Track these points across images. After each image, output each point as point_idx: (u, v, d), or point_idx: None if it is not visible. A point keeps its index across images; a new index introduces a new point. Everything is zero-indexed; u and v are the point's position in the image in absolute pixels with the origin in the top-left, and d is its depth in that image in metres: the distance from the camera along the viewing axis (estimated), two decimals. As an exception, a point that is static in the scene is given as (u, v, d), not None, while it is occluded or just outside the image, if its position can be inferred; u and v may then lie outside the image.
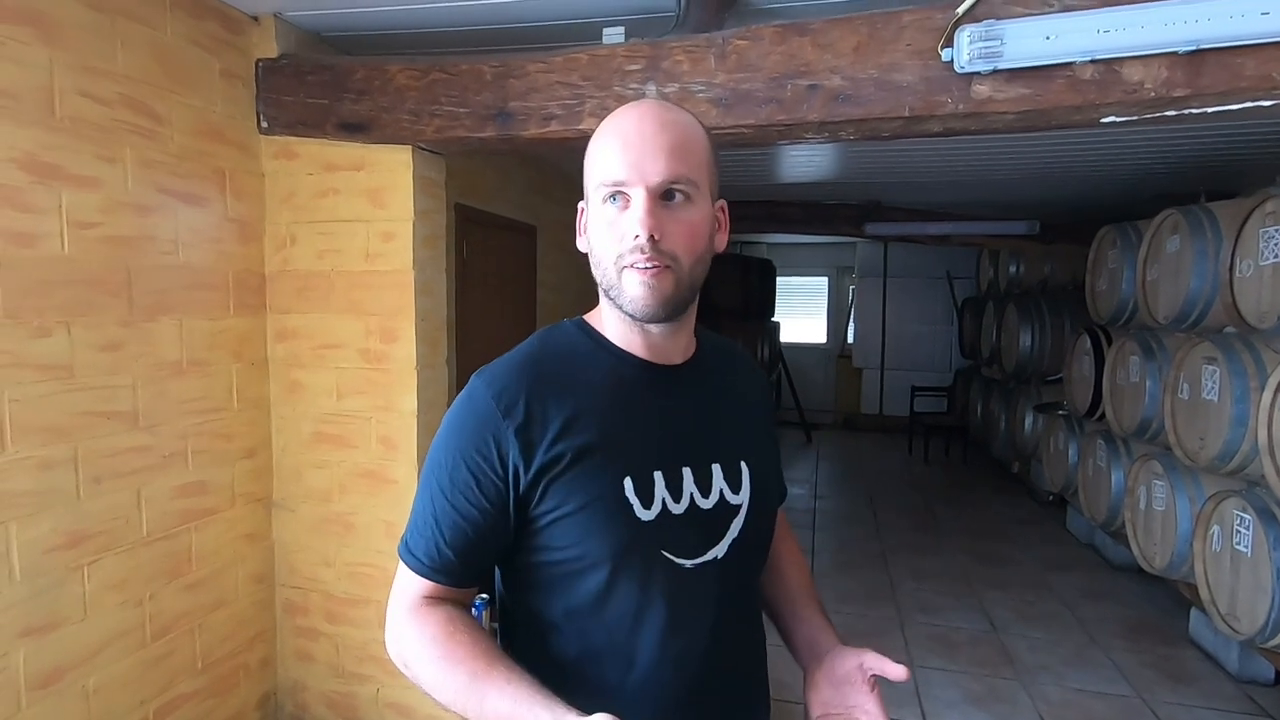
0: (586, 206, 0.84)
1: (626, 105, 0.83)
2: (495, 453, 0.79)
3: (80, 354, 1.76)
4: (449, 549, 0.81)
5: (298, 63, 2.22)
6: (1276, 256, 2.67)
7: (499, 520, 0.81)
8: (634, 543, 0.80)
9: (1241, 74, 1.53)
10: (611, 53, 1.95)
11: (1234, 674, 2.96)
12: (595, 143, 0.82)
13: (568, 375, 0.83)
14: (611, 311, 0.85)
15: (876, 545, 4.53)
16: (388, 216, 2.27)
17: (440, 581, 0.83)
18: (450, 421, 0.84)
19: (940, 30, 1.68)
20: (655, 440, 0.84)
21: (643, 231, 0.76)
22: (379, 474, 2.34)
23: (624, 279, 0.79)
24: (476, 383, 0.84)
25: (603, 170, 0.79)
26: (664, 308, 0.79)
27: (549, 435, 0.79)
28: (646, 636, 0.81)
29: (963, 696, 2.80)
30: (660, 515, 0.81)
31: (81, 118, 1.74)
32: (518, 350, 0.87)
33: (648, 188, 0.77)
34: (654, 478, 0.81)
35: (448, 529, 0.81)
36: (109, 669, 1.86)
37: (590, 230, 0.83)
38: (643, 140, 0.78)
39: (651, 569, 0.81)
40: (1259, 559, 2.68)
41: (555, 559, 0.81)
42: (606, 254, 0.80)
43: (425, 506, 0.83)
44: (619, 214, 0.79)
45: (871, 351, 8.51)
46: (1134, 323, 3.86)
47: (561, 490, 0.78)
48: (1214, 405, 2.98)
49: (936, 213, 5.48)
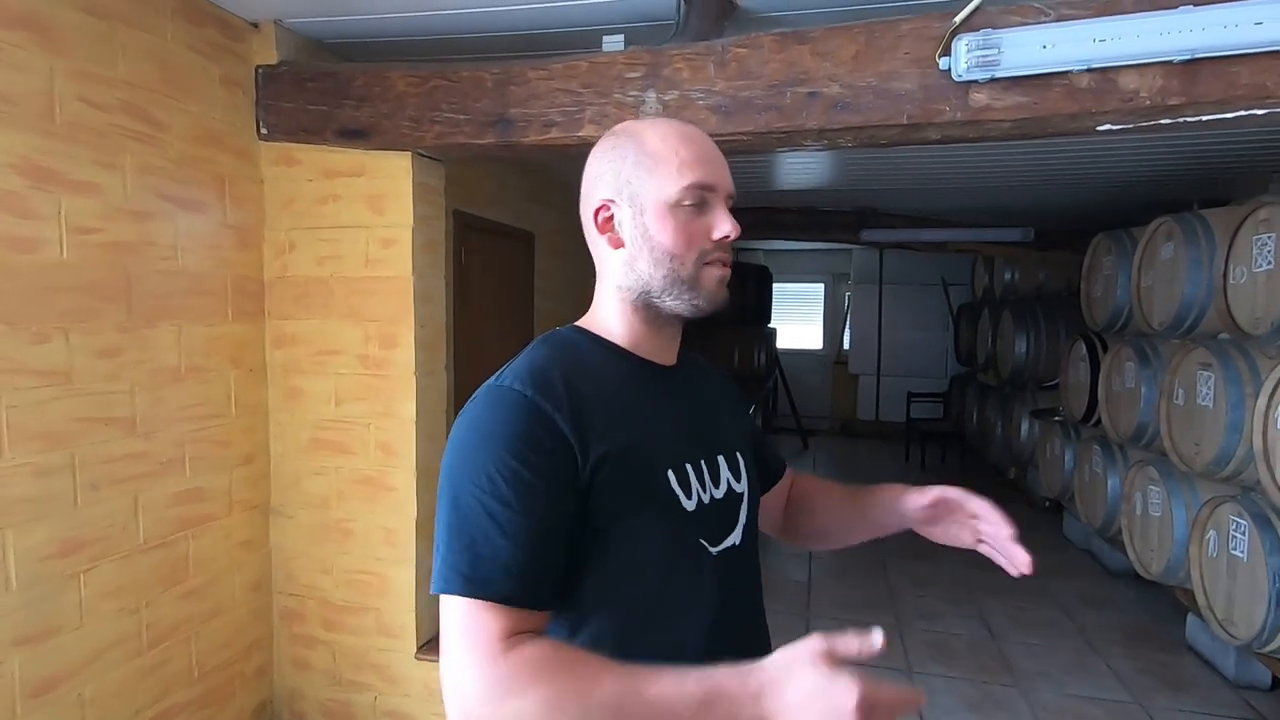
0: (638, 206, 0.83)
1: (667, 119, 0.89)
2: (553, 447, 0.75)
3: (78, 360, 1.76)
4: (535, 563, 0.73)
5: (297, 69, 2.22)
6: (1270, 263, 2.69)
7: (569, 519, 0.76)
8: (683, 534, 0.82)
9: (1236, 83, 1.54)
10: (612, 60, 1.96)
11: (1231, 679, 2.97)
12: (660, 145, 0.83)
13: (588, 377, 0.83)
14: (632, 312, 0.87)
15: (874, 551, 4.52)
16: (387, 223, 2.27)
17: (526, 605, 0.72)
18: (487, 431, 0.76)
19: (938, 39, 1.70)
20: (676, 435, 0.86)
21: (734, 233, 0.83)
22: (378, 480, 2.33)
23: (704, 275, 0.84)
24: (504, 386, 0.79)
25: (690, 173, 0.82)
26: (726, 299, 0.86)
27: (596, 431, 0.77)
28: (693, 625, 0.82)
29: (962, 703, 2.79)
30: (698, 505, 0.84)
31: (81, 123, 1.74)
32: (529, 355, 0.84)
33: (727, 194, 0.85)
34: (687, 469, 0.84)
35: (528, 542, 0.72)
36: (104, 677, 1.85)
37: (653, 228, 0.83)
38: (715, 153, 0.86)
39: (699, 558, 0.83)
40: (1255, 564, 2.68)
41: (604, 561, 0.79)
42: (685, 250, 0.83)
43: (483, 526, 0.72)
44: (696, 215, 0.83)
45: (868, 358, 8.53)
46: (1129, 329, 3.88)
47: (611, 488, 0.77)
48: (1209, 411, 2.99)
49: (932, 220, 5.51)
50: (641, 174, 0.83)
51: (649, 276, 0.83)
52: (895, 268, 8.27)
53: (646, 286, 0.84)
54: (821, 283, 9.13)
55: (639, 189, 0.83)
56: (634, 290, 0.85)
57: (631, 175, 0.83)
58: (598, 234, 0.87)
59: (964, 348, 7.23)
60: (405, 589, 2.34)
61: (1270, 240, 2.69)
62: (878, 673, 0.64)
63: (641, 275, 0.84)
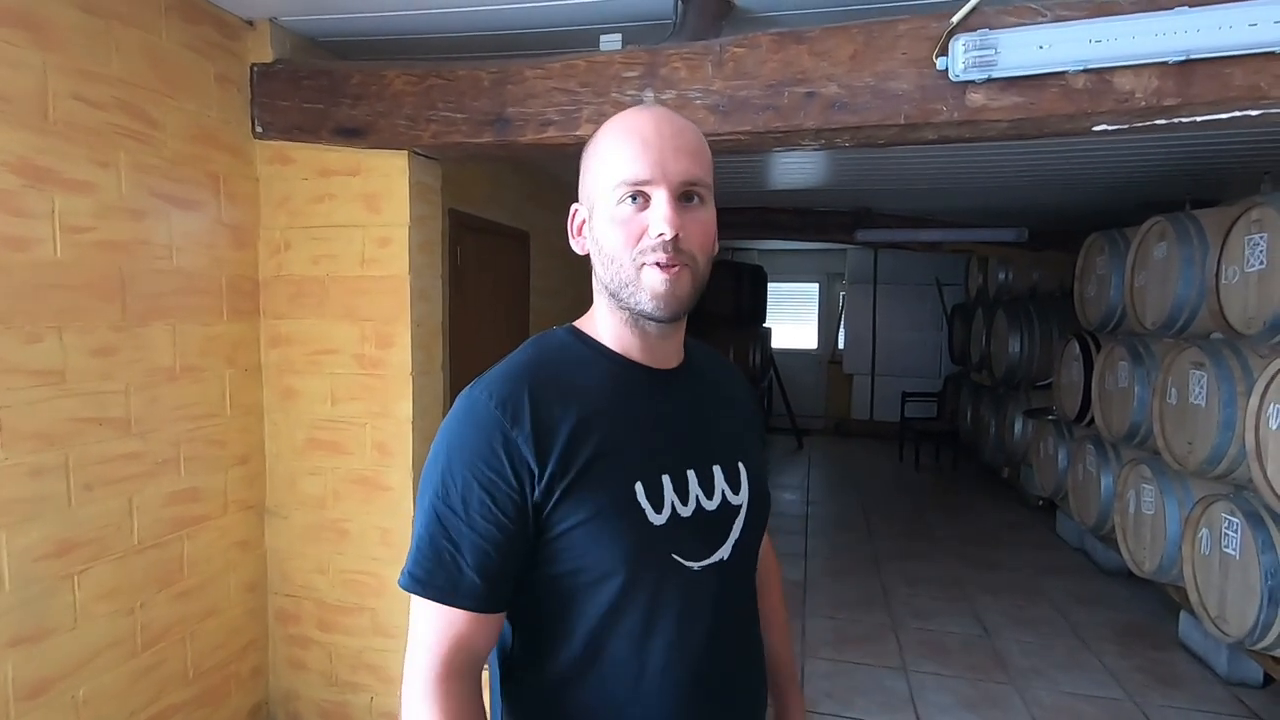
0: (590, 207, 0.83)
1: (633, 109, 0.83)
2: (507, 464, 0.76)
3: (72, 359, 1.75)
4: (473, 572, 0.76)
5: (293, 68, 2.21)
6: (1262, 263, 2.71)
7: (519, 535, 0.77)
8: (647, 548, 0.79)
9: (1230, 84, 1.56)
10: (609, 59, 1.96)
11: (1223, 676, 2.99)
12: (606, 142, 0.82)
13: (568, 381, 0.82)
14: (613, 314, 0.84)
15: (869, 550, 4.54)
16: (383, 222, 2.26)
17: (467, 607, 0.77)
18: (451, 438, 0.79)
19: (935, 39, 1.71)
20: (659, 444, 0.84)
21: (668, 230, 0.77)
22: (374, 480, 2.33)
23: (644, 276, 0.79)
24: (474, 394, 0.80)
25: (621, 169, 0.78)
26: (681, 305, 0.81)
27: (558, 443, 0.77)
28: (657, 641, 0.80)
29: (956, 701, 2.80)
30: (670, 519, 0.81)
31: (75, 121, 1.73)
32: (512, 359, 0.84)
33: (669, 187, 0.78)
34: (662, 481, 0.81)
35: (468, 551, 0.76)
36: (99, 679, 1.84)
37: (599, 230, 0.82)
38: (662, 140, 0.78)
39: (664, 574, 0.80)
40: (1247, 562, 2.71)
41: (567, 570, 0.79)
42: (622, 252, 0.79)
43: (435, 531, 0.77)
44: (636, 213, 0.79)
45: (862, 357, 8.55)
46: (1122, 329, 3.91)
47: (573, 498, 0.77)
48: (1202, 410, 3.01)
49: (926, 220, 5.54)
50: (591, 176, 0.82)
51: (606, 279, 0.82)
52: (890, 268, 8.30)
53: (609, 288, 0.82)
54: (816, 283, 9.16)
55: (590, 191, 0.83)
56: (604, 293, 0.84)
57: (586, 178, 0.84)
58: (574, 237, 0.87)
59: (958, 347, 7.27)
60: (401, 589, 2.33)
61: (1262, 240, 2.71)
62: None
63: (602, 277, 0.83)
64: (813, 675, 2.95)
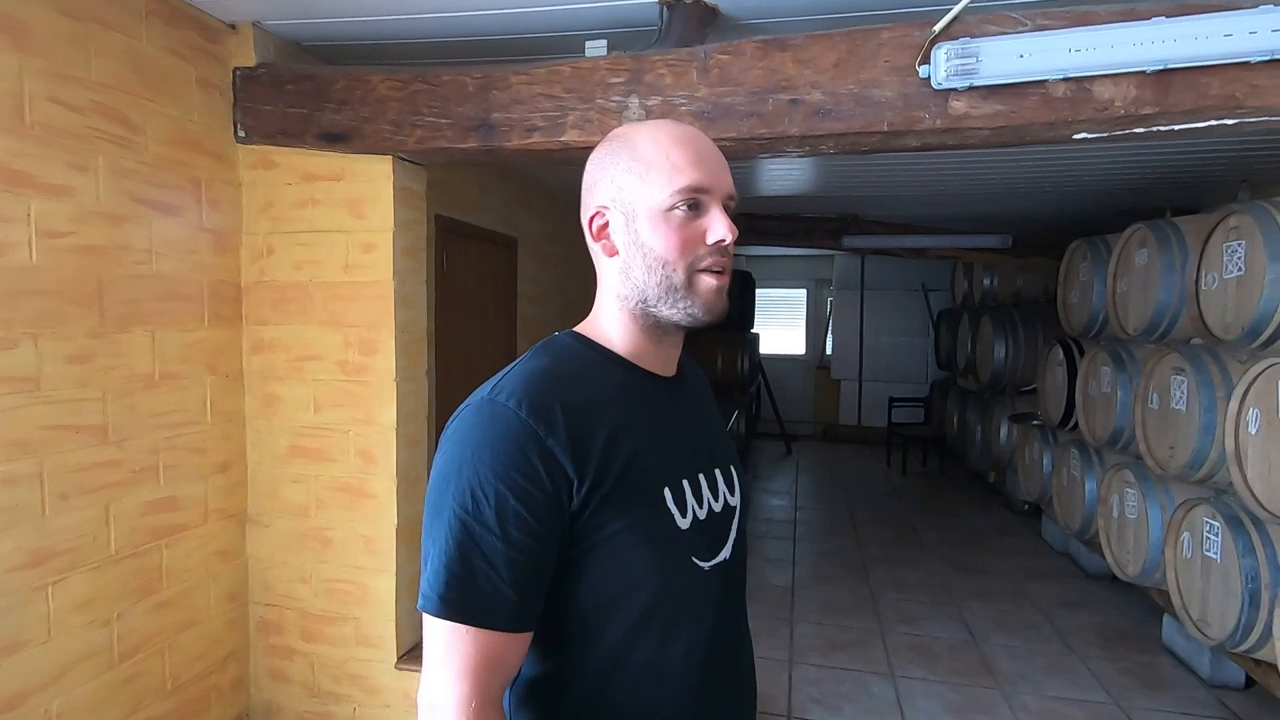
0: (628, 212, 0.82)
1: (665, 121, 0.86)
2: (544, 473, 0.73)
3: (48, 366, 1.72)
4: (510, 588, 0.72)
5: (276, 72, 2.20)
6: (1240, 270, 2.75)
7: (554, 547, 0.75)
8: (675, 553, 0.81)
9: (1207, 93, 1.58)
10: (594, 65, 1.96)
11: (1206, 679, 3.01)
12: (652, 149, 0.81)
13: (589, 389, 0.80)
14: (632, 321, 0.85)
15: (857, 556, 4.54)
16: (368, 227, 2.25)
17: (504, 628, 0.73)
18: (475, 449, 0.74)
19: (918, 47, 1.72)
20: (676, 450, 0.85)
21: (730, 236, 0.80)
22: (358, 488, 2.30)
23: (698, 282, 0.81)
24: (496, 402, 0.76)
25: (681, 176, 0.79)
26: (725, 310, 0.83)
27: (595, 451, 0.75)
28: (677, 644, 0.81)
29: (943, 706, 2.81)
30: (692, 523, 0.82)
31: (53, 125, 1.71)
32: (528, 366, 0.81)
33: (723, 196, 0.82)
34: (683, 486, 0.83)
35: (505, 567, 0.72)
36: (74, 692, 1.80)
37: (646, 235, 0.81)
38: (713, 153, 0.83)
39: (688, 577, 0.82)
40: (1228, 565, 2.73)
41: (599, 580, 0.77)
42: (677, 258, 0.80)
43: (466, 549, 0.72)
44: (690, 220, 0.80)
45: (850, 363, 8.59)
46: (1105, 334, 3.95)
47: (611, 508, 0.76)
48: (1183, 415, 3.05)
49: (912, 226, 5.57)
50: (633, 180, 0.81)
51: (644, 284, 0.81)
52: (877, 274, 8.35)
53: (643, 295, 0.82)
54: (804, 288, 9.20)
55: (631, 195, 0.81)
56: (631, 299, 0.83)
57: (624, 181, 0.82)
58: (593, 241, 0.86)
59: (944, 353, 7.31)
60: (385, 598, 2.31)
61: (1240, 247, 2.75)
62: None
63: (637, 283, 0.82)
64: (801, 681, 2.94)
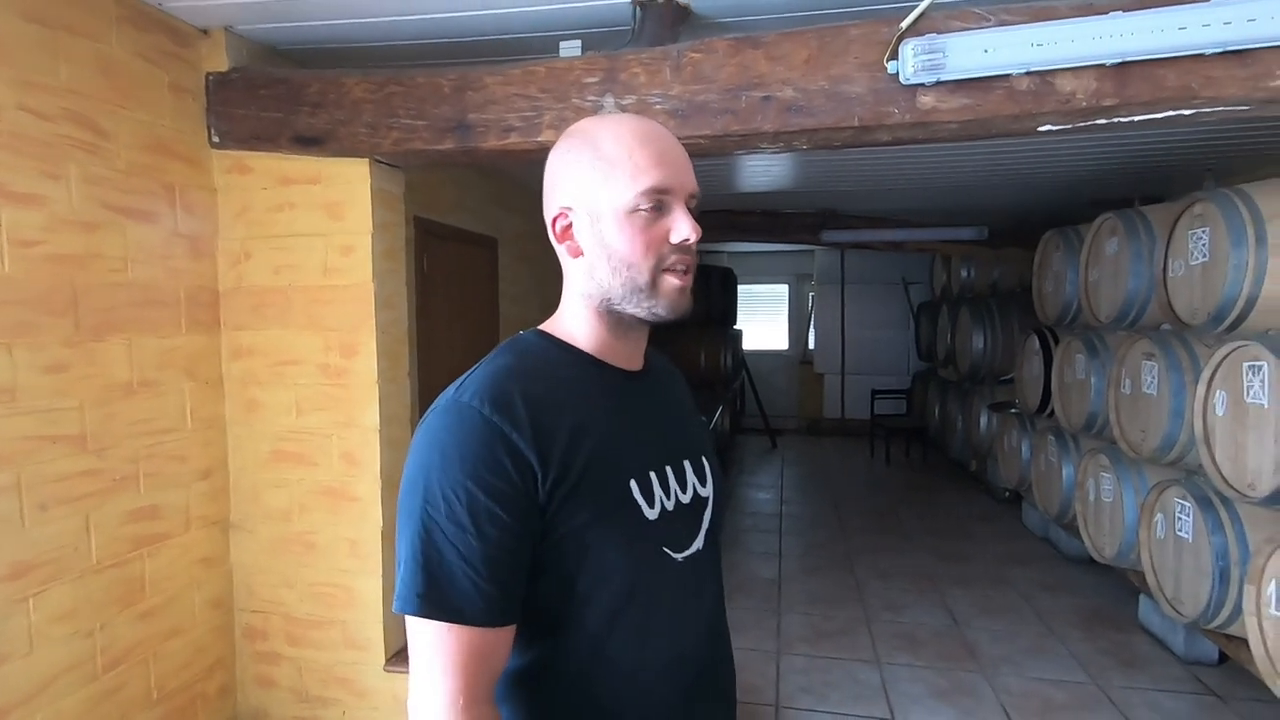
0: (592, 212, 0.82)
1: (628, 116, 0.85)
2: (512, 469, 0.74)
3: (23, 376, 1.70)
4: (489, 584, 0.73)
5: (250, 76, 2.19)
6: (1205, 256, 2.82)
7: (527, 540, 0.76)
8: (644, 544, 0.81)
9: (1163, 85, 1.62)
10: (569, 65, 1.97)
11: (1181, 656, 3.09)
12: (614, 148, 0.80)
13: (553, 384, 0.81)
14: (596, 318, 0.85)
15: (842, 547, 4.60)
16: (346, 230, 2.25)
17: (490, 623, 0.74)
18: (443, 449, 0.75)
19: (886, 43, 1.75)
20: (642, 442, 0.86)
21: (693, 236, 0.81)
22: (341, 491, 2.30)
23: (662, 282, 0.82)
24: (460, 401, 0.77)
25: (644, 177, 0.79)
26: (689, 308, 0.84)
27: (559, 445, 0.76)
28: (654, 635, 0.82)
29: (928, 691, 2.86)
30: (660, 513, 0.83)
31: (22, 133, 1.69)
32: (492, 364, 0.82)
33: (685, 196, 0.82)
34: (650, 477, 0.83)
35: (481, 564, 0.73)
36: (57, 705, 1.79)
37: (610, 236, 0.81)
38: (676, 152, 0.83)
39: (657, 567, 0.82)
40: (1199, 544, 2.80)
41: (569, 572, 0.78)
42: (641, 259, 0.80)
43: (441, 548, 0.73)
44: (654, 220, 0.81)
45: (832, 357, 8.67)
46: (1078, 323, 4.02)
47: (576, 500, 0.77)
48: (1154, 399, 3.12)
49: (890, 220, 5.64)
50: (596, 180, 0.80)
51: (608, 284, 0.82)
52: (857, 268, 8.43)
53: (607, 294, 0.83)
54: (785, 284, 9.26)
55: (594, 196, 0.81)
56: (596, 297, 0.84)
57: (587, 181, 0.81)
58: (557, 242, 0.86)
59: (925, 344, 7.40)
60: (372, 600, 2.31)
61: (1204, 234, 2.82)
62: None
63: (602, 283, 0.82)
64: (788, 671, 2.98)
